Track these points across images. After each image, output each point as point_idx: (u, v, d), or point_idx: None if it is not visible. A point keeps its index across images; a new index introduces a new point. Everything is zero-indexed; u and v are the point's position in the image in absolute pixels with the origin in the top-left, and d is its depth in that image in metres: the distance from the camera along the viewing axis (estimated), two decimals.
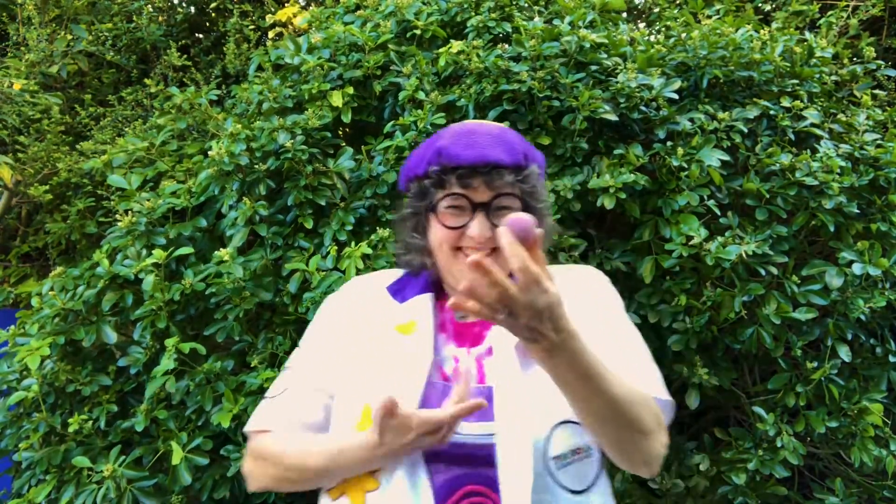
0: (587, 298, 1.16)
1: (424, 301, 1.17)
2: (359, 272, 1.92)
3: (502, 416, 1.02)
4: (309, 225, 2.06)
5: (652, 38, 2.73)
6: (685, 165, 2.01)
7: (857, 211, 2.07)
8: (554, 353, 0.88)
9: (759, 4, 3.32)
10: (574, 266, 1.30)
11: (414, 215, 1.20)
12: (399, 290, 1.21)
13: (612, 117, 2.03)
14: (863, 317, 2.01)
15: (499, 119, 2.07)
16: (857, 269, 1.98)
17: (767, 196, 2.06)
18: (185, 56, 3.46)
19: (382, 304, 1.20)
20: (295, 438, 1.13)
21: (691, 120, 2.13)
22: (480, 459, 1.01)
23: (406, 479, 1.00)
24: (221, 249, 1.96)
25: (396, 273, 1.28)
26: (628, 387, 0.99)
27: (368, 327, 1.17)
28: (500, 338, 1.10)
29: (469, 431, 1.03)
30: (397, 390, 1.02)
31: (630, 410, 0.97)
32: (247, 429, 1.21)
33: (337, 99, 2.18)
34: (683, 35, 2.35)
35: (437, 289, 1.21)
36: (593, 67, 2.16)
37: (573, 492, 1.02)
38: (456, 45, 2.18)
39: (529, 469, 0.98)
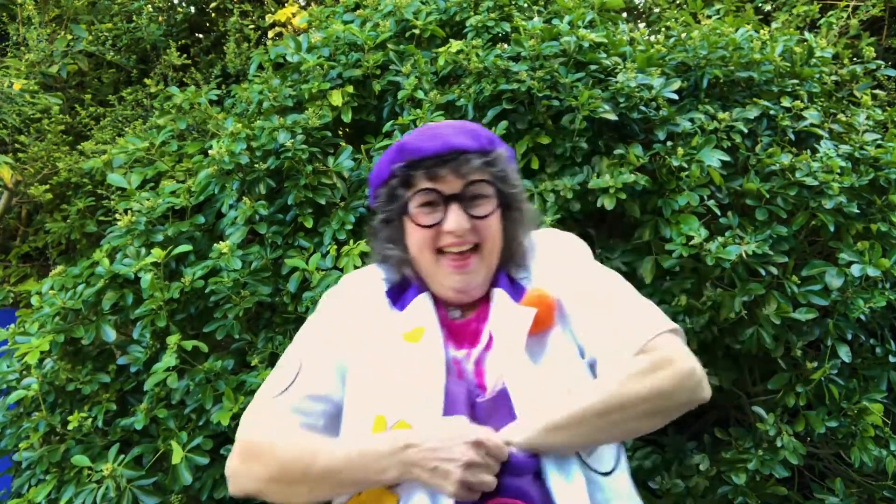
0: (556, 266, 1.13)
1: (424, 302, 1.11)
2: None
3: (525, 414, 0.98)
4: (309, 224, 2.06)
5: (652, 38, 2.73)
6: (685, 165, 2.01)
7: (857, 211, 2.07)
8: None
9: (759, 4, 3.32)
10: (541, 233, 1.22)
11: (386, 224, 1.13)
12: (397, 296, 1.15)
13: (612, 117, 2.03)
14: (863, 317, 2.01)
15: (498, 118, 2.07)
16: (856, 270, 1.97)
17: (767, 196, 2.05)
18: (185, 56, 3.47)
19: (383, 312, 1.13)
20: (296, 434, 1.03)
21: (691, 120, 2.13)
22: (505, 469, 0.95)
23: (427, 497, 0.93)
24: (220, 243, 1.96)
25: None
26: (616, 390, 0.97)
27: (372, 337, 1.10)
28: (501, 333, 1.06)
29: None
30: (418, 397, 0.99)
31: (637, 406, 0.96)
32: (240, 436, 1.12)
33: (336, 98, 2.18)
34: (683, 35, 2.35)
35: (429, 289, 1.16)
36: (593, 67, 2.16)
37: (603, 474, 1.00)
38: (455, 45, 2.18)
39: (574, 463, 0.96)
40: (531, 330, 1.04)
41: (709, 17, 2.65)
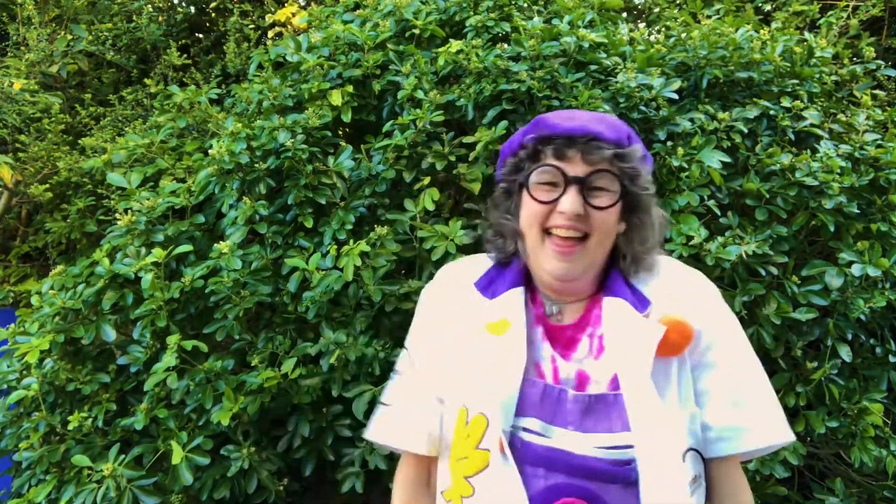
0: (695, 301, 1.08)
1: (516, 297, 1.08)
2: (357, 270, 1.92)
3: (640, 427, 0.95)
4: (309, 224, 2.06)
5: (652, 38, 2.73)
6: (685, 166, 2.01)
7: (857, 211, 2.07)
8: None
9: (760, 4, 3.32)
10: (678, 268, 1.16)
11: (506, 195, 1.12)
12: (488, 286, 1.13)
13: None
14: (863, 317, 2.01)
15: (498, 118, 2.07)
16: (856, 269, 1.98)
17: (767, 196, 2.05)
18: (185, 56, 3.47)
19: (472, 302, 1.11)
20: None
21: (691, 120, 2.13)
22: (580, 470, 0.95)
23: (501, 486, 0.95)
24: (220, 242, 1.96)
25: (486, 261, 1.18)
26: None
27: (460, 328, 1.10)
28: (618, 341, 1.02)
29: (600, 444, 0.96)
30: (494, 393, 0.99)
31: None
32: (371, 437, 1.17)
33: (336, 98, 2.18)
34: (683, 35, 2.35)
35: (528, 281, 1.12)
36: (593, 67, 2.16)
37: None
38: (455, 45, 2.18)
39: (685, 487, 0.94)
40: (657, 352, 1.00)
41: (709, 17, 2.65)
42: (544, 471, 0.96)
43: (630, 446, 0.95)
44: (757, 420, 1.03)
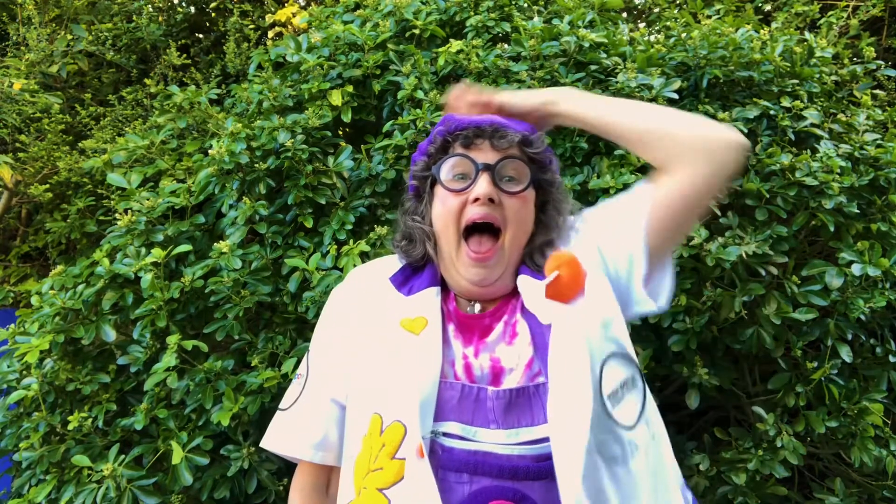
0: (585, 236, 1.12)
1: (432, 295, 1.08)
2: None
3: (555, 416, 0.93)
4: (309, 224, 2.06)
5: (652, 38, 2.73)
6: None
7: (858, 211, 2.07)
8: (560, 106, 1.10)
9: (759, 4, 3.32)
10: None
11: (417, 197, 1.15)
12: (404, 282, 1.12)
13: None
14: (863, 317, 2.01)
15: None
16: (856, 269, 1.97)
17: (767, 196, 2.05)
18: (185, 56, 3.47)
19: (388, 297, 1.10)
20: None
21: None
22: (505, 471, 0.93)
23: (419, 497, 0.91)
24: (220, 242, 1.96)
25: (398, 262, 1.17)
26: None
27: (375, 324, 1.08)
28: (535, 311, 1.02)
29: (523, 439, 0.94)
30: (411, 398, 0.96)
31: (668, 109, 1.06)
32: (264, 444, 1.16)
33: (336, 98, 2.18)
34: (683, 35, 2.35)
35: (443, 284, 1.12)
36: (593, 67, 2.16)
37: (627, 427, 0.96)
38: (455, 45, 2.18)
39: (587, 412, 0.91)
40: (566, 297, 1.01)
41: (709, 17, 2.65)
42: (468, 476, 0.93)
43: (547, 439, 0.93)
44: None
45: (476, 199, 1.02)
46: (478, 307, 1.09)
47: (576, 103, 1.13)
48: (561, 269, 1.02)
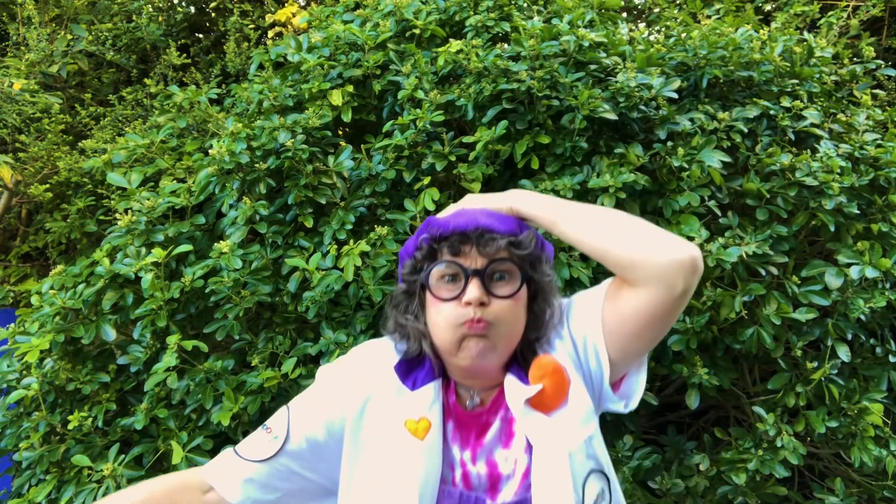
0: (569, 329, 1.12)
1: (435, 391, 1.07)
2: (357, 270, 1.92)
3: (540, 476, 0.99)
4: (309, 224, 2.06)
5: (652, 38, 2.73)
6: (686, 165, 2.01)
7: (858, 211, 2.07)
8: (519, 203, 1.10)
9: (760, 4, 3.32)
10: None
11: (407, 296, 1.11)
12: (408, 373, 1.10)
13: (612, 116, 2.03)
14: (863, 317, 2.01)
15: (498, 118, 2.07)
16: (856, 270, 1.98)
17: (767, 196, 2.05)
18: (185, 56, 3.47)
19: (391, 389, 1.08)
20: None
21: (691, 120, 2.13)
22: None
23: None
24: (220, 242, 1.96)
25: (393, 348, 1.15)
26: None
27: (380, 420, 1.06)
28: (526, 422, 1.03)
29: None
30: (410, 500, 0.98)
31: (621, 218, 1.04)
32: (203, 474, 1.10)
33: (337, 98, 2.18)
34: (683, 35, 2.36)
35: (442, 371, 1.11)
36: (592, 67, 2.16)
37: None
38: (455, 45, 2.18)
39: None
40: (549, 408, 1.03)
41: (709, 17, 2.66)
42: None
43: None
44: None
45: (468, 304, 1.01)
46: (477, 399, 1.09)
47: (527, 210, 1.10)
48: (545, 380, 1.03)
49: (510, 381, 1.06)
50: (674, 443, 2.15)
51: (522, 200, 1.11)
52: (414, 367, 1.11)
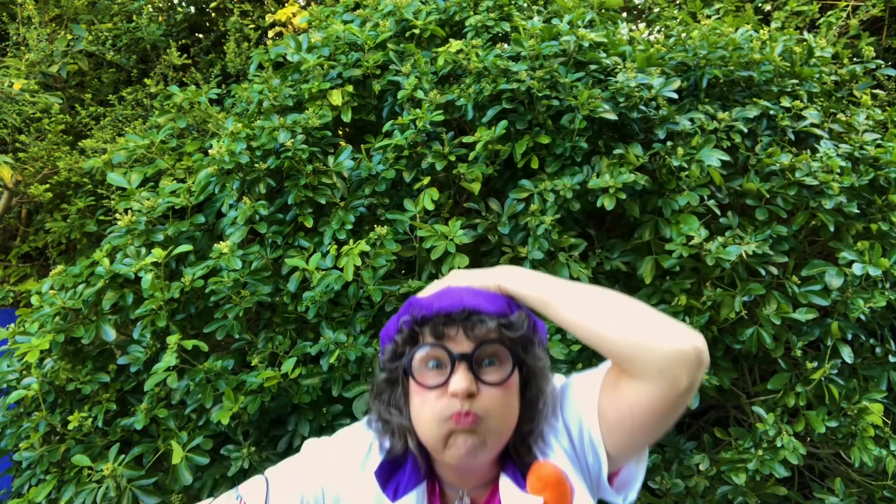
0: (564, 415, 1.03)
1: (419, 499, 1.00)
2: (357, 270, 1.92)
3: None
4: (309, 224, 2.06)
5: (652, 38, 2.73)
6: (685, 165, 2.01)
7: (858, 211, 2.07)
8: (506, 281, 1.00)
9: (759, 4, 3.32)
10: None
11: (389, 384, 1.00)
12: (388, 478, 1.01)
13: (612, 116, 2.03)
14: (863, 317, 2.01)
15: (498, 118, 2.07)
16: (857, 269, 1.98)
17: (767, 196, 2.05)
18: (185, 56, 3.47)
19: (368, 496, 0.99)
20: None
21: (691, 120, 2.13)
22: None
23: None
24: (220, 242, 1.96)
25: (373, 442, 1.05)
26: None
27: None
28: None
29: None
30: None
31: (619, 302, 0.93)
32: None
33: (336, 98, 2.18)
34: (683, 35, 2.36)
35: (428, 471, 1.02)
36: (592, 67, 2.16)
37: None
38: (455, 45, 2.18)
39: None
40: None
41: (709, 17, 2.66)
42: None
43: None
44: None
45: (454, 395, 0.91)
46: (467, 500, 1.02)
47: (516, 288, 1.00)
48: (546, 494, 0.95)
49: (506, 485, 0.98)
50: (674, 443, 2.15)
51: (511, 278, 1.01)
52: (396, 471, 1.01)
